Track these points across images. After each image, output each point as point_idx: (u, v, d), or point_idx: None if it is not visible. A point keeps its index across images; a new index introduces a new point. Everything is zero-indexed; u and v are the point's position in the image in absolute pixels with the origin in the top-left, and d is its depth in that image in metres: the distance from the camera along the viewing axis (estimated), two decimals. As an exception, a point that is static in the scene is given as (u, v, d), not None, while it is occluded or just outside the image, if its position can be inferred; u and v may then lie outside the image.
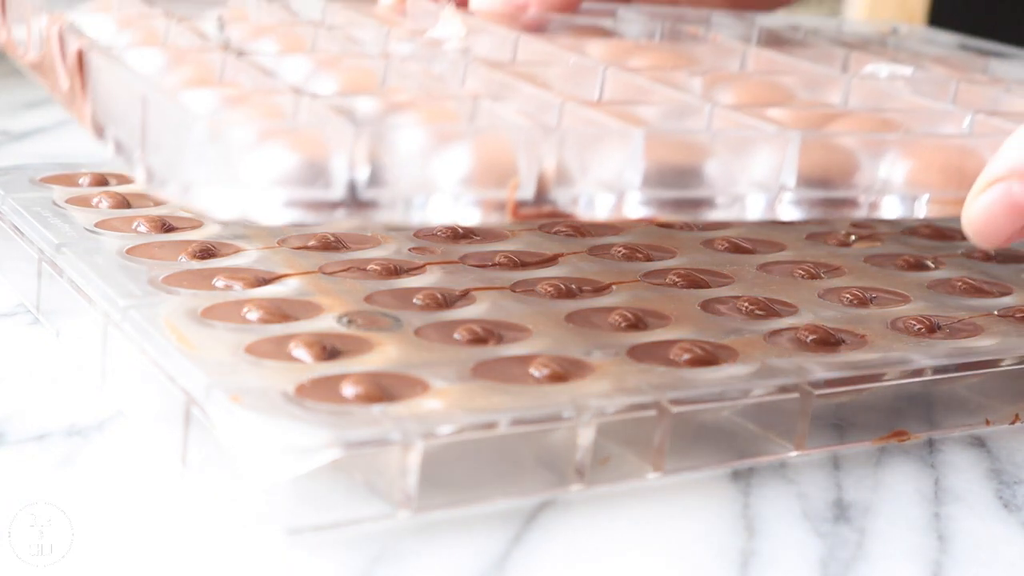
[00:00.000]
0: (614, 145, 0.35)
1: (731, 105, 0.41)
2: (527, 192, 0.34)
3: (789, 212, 0.37)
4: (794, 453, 0.38)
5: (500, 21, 0.53)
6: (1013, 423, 0.41)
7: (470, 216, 0.34)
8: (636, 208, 0.35)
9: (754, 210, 0.37)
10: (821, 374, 0.38)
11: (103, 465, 0.35)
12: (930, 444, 0.40)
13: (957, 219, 0.39)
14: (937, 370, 0.40)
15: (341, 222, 0.39)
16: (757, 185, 0.37)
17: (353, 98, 0.39)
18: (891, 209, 0.39)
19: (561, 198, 0.34)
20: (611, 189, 0.35)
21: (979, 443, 0.41)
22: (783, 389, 0.38)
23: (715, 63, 0.51)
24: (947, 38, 0.64)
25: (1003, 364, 0.41)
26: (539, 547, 0.33)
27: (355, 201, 0.32)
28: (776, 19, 0.62)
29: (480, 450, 0.35)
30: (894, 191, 0.39)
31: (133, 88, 0.34)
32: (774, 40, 0.57)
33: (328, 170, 0.32)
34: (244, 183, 0.32)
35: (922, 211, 0.39)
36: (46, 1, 0.43)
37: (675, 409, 0.36)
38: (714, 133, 0.37)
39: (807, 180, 0.37)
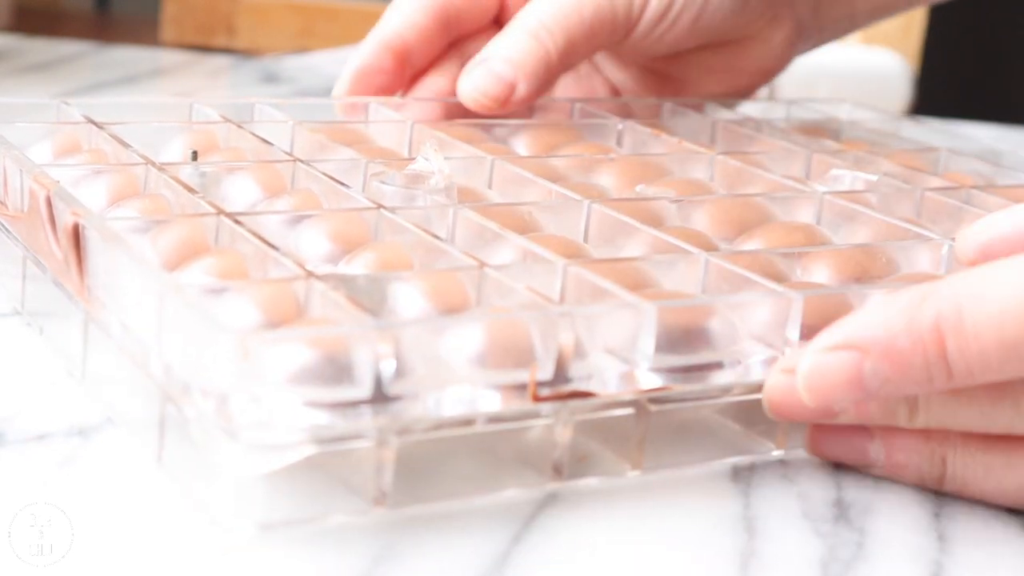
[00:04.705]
0: (626, 317, 0.36)
1: (724, 254, 0.41)
2: (546, 373, 0.35)
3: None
4: (777, 452, 0.38)
5: (489, 110, 0.53)
6: None
7: (491, 401, 0.34)
8: (649, 377, 0.36)
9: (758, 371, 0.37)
10: None
11: (103, 465, 0.35)
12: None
13: None
14: None
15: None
16: (760, 342, 0.38)
17: (352, 269, 0.39)
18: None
19: (577, 374, 0.35)
20: (623, 359, 0.36)
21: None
22: (762, 388, 0.37)
23: (683, 173, 0.52)
24: (887, 120, 0.66)
25: None
26: (539, 547, 0.33)
27: (381, 396, 0.33)
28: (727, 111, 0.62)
29: (457, 447, 0.35)
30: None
31: (146, 283, 0.34)
32: (732, 136, 0.58)
33: (351, 369, 0.32)
34: (266, 387, 0.32)
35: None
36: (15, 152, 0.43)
37: (654, 408, 0.36)
38: (719, 298, 0.38)
39: (810, 330, 0.38)
